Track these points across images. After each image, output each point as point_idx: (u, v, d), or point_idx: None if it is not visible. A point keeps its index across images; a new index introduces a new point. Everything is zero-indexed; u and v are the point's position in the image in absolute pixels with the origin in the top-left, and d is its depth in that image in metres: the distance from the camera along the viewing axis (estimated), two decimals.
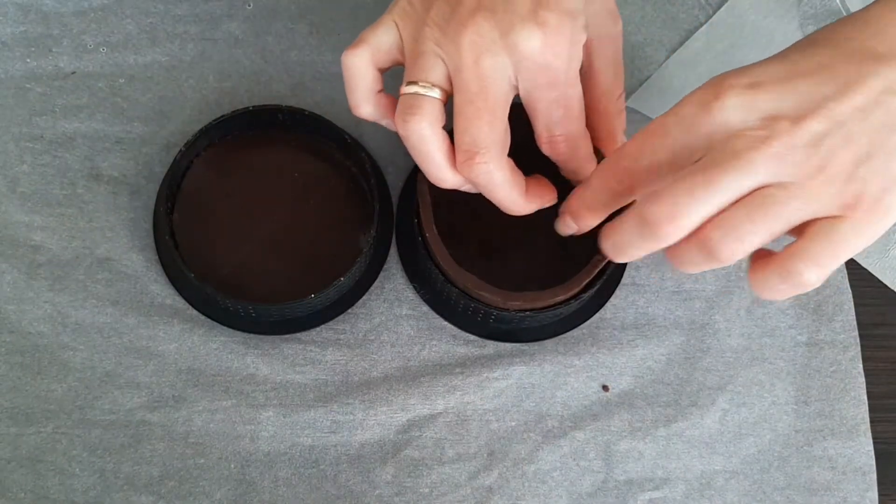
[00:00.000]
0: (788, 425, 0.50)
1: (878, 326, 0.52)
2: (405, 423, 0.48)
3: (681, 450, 0.49)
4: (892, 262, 0.53)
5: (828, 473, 0.49)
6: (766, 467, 0.49)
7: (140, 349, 0.48)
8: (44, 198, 0.50)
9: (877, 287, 0.53)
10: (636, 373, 0.50)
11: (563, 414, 0.49)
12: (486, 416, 0.49)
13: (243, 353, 0.49)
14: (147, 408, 0.48)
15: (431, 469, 0.48)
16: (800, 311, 0.52)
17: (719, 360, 0.51)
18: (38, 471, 0.46)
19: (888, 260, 0.53)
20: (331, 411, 0.48)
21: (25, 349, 0.48)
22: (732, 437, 0.50)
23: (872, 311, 0.52)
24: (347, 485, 0.47)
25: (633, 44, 0.56)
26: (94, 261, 0.50)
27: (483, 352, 0.50)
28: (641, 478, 0.49)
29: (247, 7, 0.55)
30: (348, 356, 0.49)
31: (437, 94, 0.39)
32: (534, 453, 0.48)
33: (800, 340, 0.51)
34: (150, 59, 0.54)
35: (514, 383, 0.49)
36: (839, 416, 0.50)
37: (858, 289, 0.52)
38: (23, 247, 0.49)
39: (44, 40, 0.53)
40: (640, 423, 0.49)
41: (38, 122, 0.52)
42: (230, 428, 0.48)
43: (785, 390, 0.51)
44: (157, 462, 0.47)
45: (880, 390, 0.51)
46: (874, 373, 0.51)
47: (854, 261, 0.53)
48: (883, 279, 0.53)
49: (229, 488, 0.47)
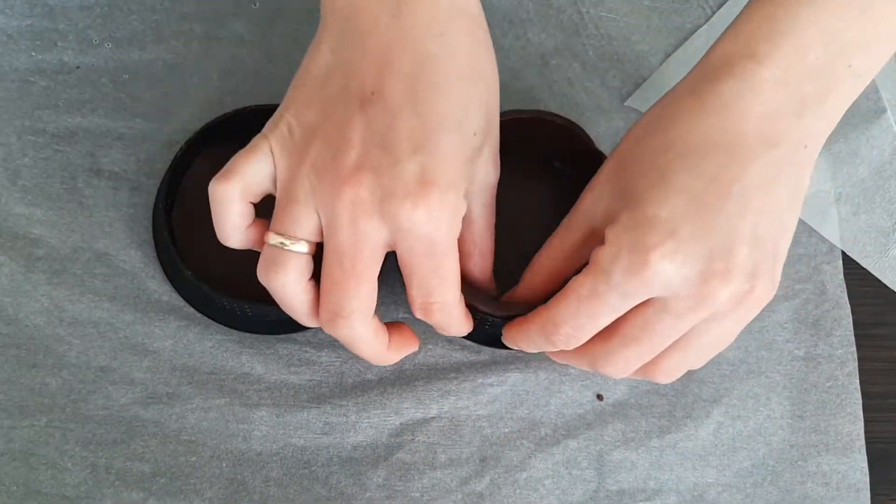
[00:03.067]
0: (783, 440, 0.50)
1: (878, 326, 0.52)
2: (398, 426, 0.48)
3: (674, 461, 0.49)
4: (891, 262, 0.53)
5: (821, 489, 0.49)
6: (760, 481, 0.49)
7: (135, 345, 0.48)
8: (44, 191, 0.51)
9: (876, 287, 0.53)
10: (631, 383, 0.50)
11: (557, 422, 0.49)
12: (479, 421, 0.49)
13: (238, 352, 0.49)
14: (141, 404, 0.48)
15: (423, 473, 0.48)
16: (798, 325, 0.52)
17: (715, 372, 0.51)
18: (31, 464, 0.46)
19: (888, 260, 0.53)
20: (324, 413, 0.48)
21: (21, 342, 0.48)
22: (726, 449, 0.49)
23: (871, 311, 0.52)
24: (338, 486, 0.47)
25: (638, 53, 0.56)
26: (93, 255, 0.50)
27: (478, 358, 0.50)
28: (633, 488, 0.48)
29: (253, 7, 0.55)
30: (343, 358, 0.49)
31: (304, 249, 0.38)
32: (526, 460, 0.48)
33: (797, 355, 0.51)
34: (154, 56, 0.54)
35: (508, 390, 0.49)
36: (834, 432, 0.50)
37: (858, 289, 0.52)
38: (22, 239, 0.50)
39: (49, 34, 0.53)
40: (633, 434, 0.49)
41: (41, 115, 0.52)
42: (223, 426, 0.48)
43: (780, 404, 0.50)
44: (149, 458, 0.47)
45: (879, 390, 0.51)
46: (873, 373, 0.51)
47: (854, 261, 0.53)
48: (883, 279, 0.53)
49: (220, 487, 0.47)
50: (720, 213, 0.37)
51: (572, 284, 0.39)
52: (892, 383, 0.51)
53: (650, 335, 0.39)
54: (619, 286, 0.37)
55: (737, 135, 0.38)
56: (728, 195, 0.37)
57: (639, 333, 0.39)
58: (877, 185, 0.54)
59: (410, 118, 0.36)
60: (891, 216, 0.53)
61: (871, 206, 0.54)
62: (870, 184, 0.54)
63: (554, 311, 0.40)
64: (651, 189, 0.38)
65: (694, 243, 0.37)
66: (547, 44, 0.56)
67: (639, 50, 0.56)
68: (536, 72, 0.56)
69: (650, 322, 0.39)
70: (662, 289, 0.37)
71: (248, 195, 0.39)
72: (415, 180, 0.36)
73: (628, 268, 0.37)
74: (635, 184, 0.39)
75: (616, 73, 0.56)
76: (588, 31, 0.57)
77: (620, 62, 0.56)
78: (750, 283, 0.38)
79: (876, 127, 0.54)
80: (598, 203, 0.41)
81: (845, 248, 0.53)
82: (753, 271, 0.38)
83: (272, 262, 0.38)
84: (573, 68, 0.56)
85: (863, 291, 0.52)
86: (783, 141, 0.38)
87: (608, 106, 0.55)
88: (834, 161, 0.54)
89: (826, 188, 0.54)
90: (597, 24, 0.57)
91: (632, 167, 0.40)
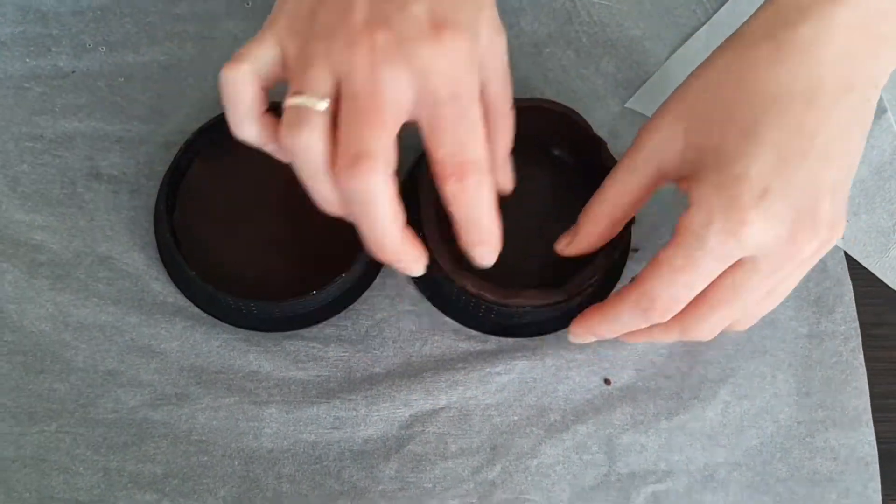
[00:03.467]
0: (790, 417, 0.50)
1: (878, 326, 0.52)
2: (408, 418, 0.49)
3: (683, 442, 0.49)
4: (892, 262, 0.53)
5: (830, 464, 0.49)
6: (769, 459, 0.49)
7: (142, 347, 0.48)
8: (44, 197, 0.51)
9: (877, 287, 0.53)
10: (638, 366, 0.50)
11: (566, 408, 0.49)
12: (488, 410, 0.49)
13: (245, 350, 0.49)
14: (150, 406, 0.48)
15: (434, 464, 0.48)
16: (800, 303, 0.52)
17: (720, 352, 0.51)
18: (42, 470, 0.46)
19: (888, 260, 0.53)
20: (333, 407, 0.48)
21: (27, 348, 0.48)
22: (734, 429, 0.50)
23: (872, 311, 0.52)
24: (351, 480, 0.47)
25: (631, 39, 0.57)
26: (95, 260, 0.50)
27: (485, 347, 0.50)
28: (644, 470, 0.49)
29: (245, 6, 0.55)
30: (350, 352, 0.49)
31: (325, 105, 0.36)
32: (536, 447, 0.49)
33: (801, 332, 0.52)
34: (149, 58, 0.54)
35: (516, 378, 0.50)
36: (841, 407, 0.50)
37: (859, 288, 0.52)
38: (23, 246, 0.49)
39: (43, 40, 0.53)
40: (642, 417, 0.49)
41: (37, 121, 0.52)
42: (233, 425, 0.48)
43: (786, 382, 0.51)
44: (161, 460, 0.47)
45: (881, 390, 0.51)
46: (874, 373, 0.51)
47: (854, 260, 0.53)
48: (883, 279, 0.53)
49: (233, 485, 0.47)
50: (804, 167, 0.37)
51: (662, 255, 0.39)
52: (894, 383, 0.51)
53: (741, 295, 0.39)
54: (715, 250, 0.37)
55: (816, 79, 0.38)
56: (811, 147, 0.37)
57: (730, 296, 0.39)
58: (877, 185, 0.54)
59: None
60: (891, 216, 0.54)
61: (871, 206, 0.54)
62: (870, 184, 0.54)
63: (648, 286, 0.40)
64: (736, 145, 0.38)
65: (784, 200, 0.37)
66: (540, 32, 0.57)
67: (632, 35, 0.57)
68: (531, 61, 0.56)
69: (739, 282, 0.39)
70: (756, 248, 0.38)
71: (259, 78, 0.38)
72: (427, 22, 0.36)
73: (724, 230, 0.37)
74: (714, 136, 0.39)
75: (610, 60, 0.56)
76: (581, 19, 0.57)
77: (614, 48, 0.56)
78: (831, 233, 0.38)
79: (876, 127, 0.54)
80: (668, 144, 0.41)
81: (846, 247, 0.53)
82: (833, 221, 0.38)
83: (295, 121, 0.36)
84: (567, 56, 0.56)
85: (863, 291, 0.53)
86: (858, 83, 0.38)
87: (603, 92, 0.55)
88: None
89: None
90: (589, 10, 0.57)
91: (707, 116, 0.39)
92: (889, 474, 0.50)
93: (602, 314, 0.43)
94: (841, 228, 0.39)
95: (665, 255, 0.39)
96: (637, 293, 0.41)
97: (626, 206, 0.43)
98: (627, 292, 0.41)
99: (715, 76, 0.40)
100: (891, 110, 0.55)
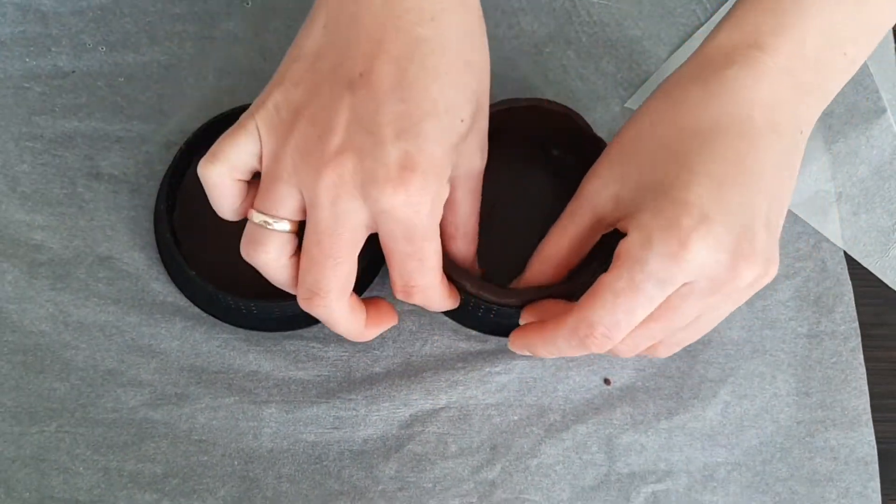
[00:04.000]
0: (790, 417, 0.50)
1: (878, 326, 0.52)
2: (408, 418, 0.49)
3: (683, 442, 0.49)
4: (892, 262, 0.53)
5: (830, 464, 0.49)
6: (769, 459, 0.49)
7: (142, 347, 0.48)
8: (44, 197, 0.51)
9: (877, 287, 0.53)
10: (637, 366, 0.50)
11: (565, 408, 0.49)
12: (488, 410, 0.49)
13: (245, 350, 0.49)
14: (150, 405, 0.48)
15: (434, 464, 0.48)
16: (800, 302, 0.52)
17: (720, 352, 0.51)
18: (42, 470, 0.46)
19: (888, 260, 0.53)
20: (333, 407, 0.48)
21: (27, 348, 0.48)
22: (734, 429, 0.50)
23: (872, 311, 0.52)
24: (351, 480, 0.47)
25: (631, 39, 0.57)
26: (95, 259, 0.50)
27: (484, 347, 0.50)
28: (644, 470, 0.49)
29: (245, 5, 0.55)
30: (350, 352, 0.49)
31: (286, 228, 0.38)
32: (536, 447, 0.49)
33: (800, 332, 0.52)
34: (148, 58, 0.54)
35: (515, 378, 0.50)
36: (840, 407, 0.50)
37: (858, 288, 0.53)
38: (23, 246, 0.49)
39: (42, 40, 0.53)
40: (641, 416, 0.49)
41: (37, 121, 0.52)
42: (233, 425, 0.48)
43: (786, 382, 0.51)
44: (161, 460, 0.47)
45: (880, 390, 0.51)
46: (874, 373, 0.51)
47: (854, 260, 0.53)
48: (883, 279, 0.53)
49: (233, 485, 0.47)
50: (740, 194, 0.37)
51: (603, 281, 0.39)
52: (894, 383, 0.51)
53: (671, 316, 0.39)
54: (656, 273, 0.37)
55: (745, 117, 0.38)
56: (746, 177, 0.38)
57: (660, 314, 0.39)
58: (877, 185, 0.54)
59: (397, 103, 0.36)
60: (891, 216, 0.54)
61: (871, 206, 0.54)
62: (870, 184, 0.54)
63: (588, 312, 0.39)
64: (675, 175, 0.38)
65: (723, 226, 0.37)
66: (540, 32, 0.57)
67: (631, 35, 0.57)
68: (531, 60, 0.56)
69: (674, 304, 0.39)
70: (697, 272, 0.37)
71: (236, 174, 0.39)
72: (397, 165, 0.36)
73: (665, 253, 0.37)
74: (651, 173, 0.39)
75: (610, 59, 0.56)
76: (580, 18, 0.57)
77: (614, 48, 0.56)
78: (767, 266, 0.38)
79: (876, 127, 0.54)
80: (603, 190, 0.41)
81: (846, 247, 0.53)
82: (769, 255, 0.38)
83: (254, 239, 0.39)
84: (567, 56, 0.56)
85: (863, 291, 0.53)
86: (785, 127, 0.39)
87: (603, 92, 0.55)
88: (834, 161, 0.54)
89: (826, 188, 0.54)
90: (589, 10, 0.57)
91: (641, 155, 0.40)
92: (888, 474, 0.50)
93: (541, 336, 0.43)
94: (775, 267, 0.39)
95: (605, 280, 0.39)
96: (575, 319, 0.40)
97: (569, 252, 0.43)
98: (565, 319, 0.41)
99: (648, 119, 0.41)
100: (890, 110, 0.55)
